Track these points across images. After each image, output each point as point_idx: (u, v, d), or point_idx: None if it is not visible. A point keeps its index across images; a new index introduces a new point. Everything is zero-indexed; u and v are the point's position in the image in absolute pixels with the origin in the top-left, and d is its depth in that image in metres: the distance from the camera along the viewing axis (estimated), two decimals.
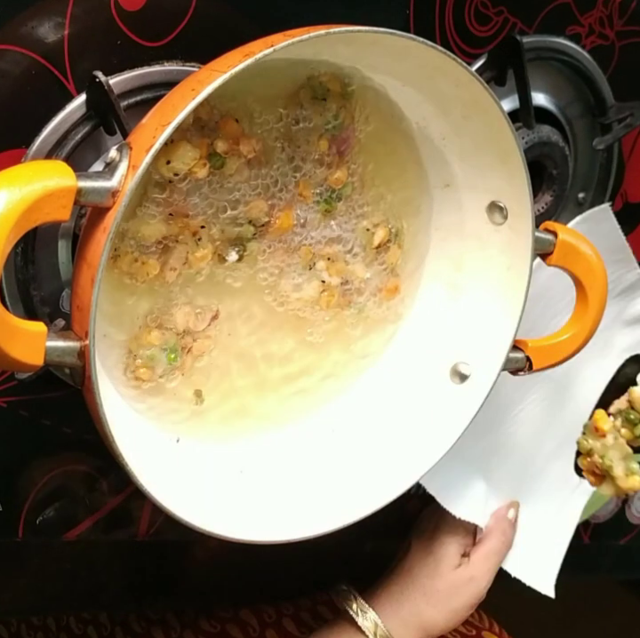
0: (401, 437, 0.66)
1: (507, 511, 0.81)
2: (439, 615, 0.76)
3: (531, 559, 0.83)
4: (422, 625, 0.75)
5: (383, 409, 0.67)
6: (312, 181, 0.59)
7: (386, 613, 0.76)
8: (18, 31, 0.53)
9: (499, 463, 0.82)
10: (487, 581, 0.78)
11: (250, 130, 0.55)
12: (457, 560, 0.77)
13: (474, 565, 0.77)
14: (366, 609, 0.76)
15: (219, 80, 0.46)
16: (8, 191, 0.44)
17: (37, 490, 0.65)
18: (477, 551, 0.78)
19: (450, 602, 0.76)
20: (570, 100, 0.78)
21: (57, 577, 0.71)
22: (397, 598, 0.76)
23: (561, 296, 0.74)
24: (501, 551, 0.79)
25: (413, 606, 0.76)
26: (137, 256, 0.54)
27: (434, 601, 0.76)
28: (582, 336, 0.65)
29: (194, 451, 0.60)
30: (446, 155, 0.62)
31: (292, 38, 0.48)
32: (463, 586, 0.76)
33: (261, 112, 0.56)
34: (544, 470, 0.85)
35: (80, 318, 0.48)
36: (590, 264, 0.64)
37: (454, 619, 0.77)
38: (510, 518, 0.81)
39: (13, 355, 0.45)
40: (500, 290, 0.64)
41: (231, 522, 0.57)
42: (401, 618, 0.75)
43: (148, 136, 0.47)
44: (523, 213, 0.60)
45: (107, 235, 0.46)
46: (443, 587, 0.76)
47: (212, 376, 0.60)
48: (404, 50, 0.53)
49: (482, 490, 0.80)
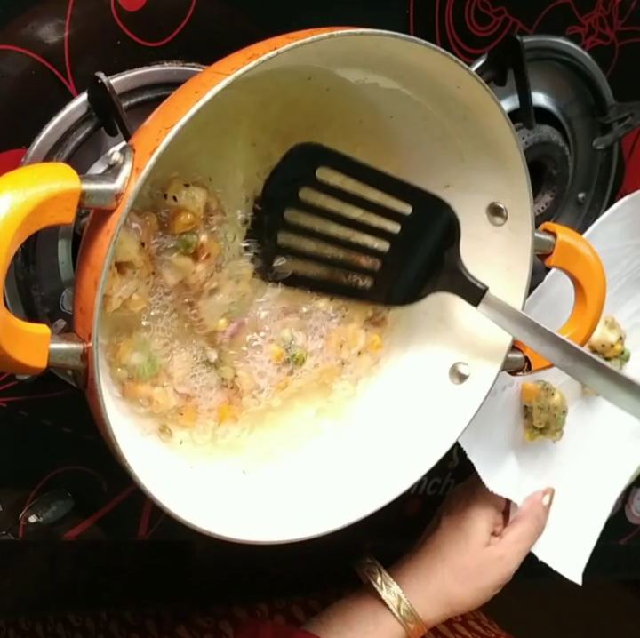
0: (401, 437, 0.66)
1: (542, 496, 0.80)
2: (467, 592, 0.76)
3: (560, 545, 0.83)
4: (449, 601, 0.75)
5: (383, 409, 0.67)
6: None
7: (412, 588, 0.75)
8: (18, 32, 0.53)
9: (534, 445, 0.82)
10: (516, 563, 0.77)
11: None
12: (487, 538, 0.77)
13: (505, 545, 0.77)
14: (390, 582, 0.76)
15: (222, 82, 0.46)
16: (12, 194, 0.44)
17: (37, 490, 0.65)
18: (510, 532, 0.78)
19: (478, 579, 0.76)
20: (570, 100, 0.78)
21: (57, 577, 0.71)
22: (425, 574, 0.76)
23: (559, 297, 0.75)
24: (533, 536, 0.79)
25: (441, 582, 0.75)
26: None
27: (462, 578, 0.75)
28: (581, 336, 0.65)
29: (195, 452, 0.60)
30: (446, 155, 0.62)
31: (296, 41, 0.48)
32: (492, 564, 0.76)
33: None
34: (578, 454, 0.85)
35: (83, 321, 0.48)
36: (589, 265, 0.64)
37: (480, 598, 0.76)
38: (545, 504, 0.80)
39: (17, 358, 0.45)
40: (499, 290, 0.63)
41: (231, 523, 0.57)
42: (427, 594, 0.75)
43: (151, 138, 0.47)
44: (523, 214, 0.60)
45: (110, 237, 0.46)
46: (472, 565, 0.76)
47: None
48: (406, 52, 0.53)
49: (517, 469, 0.79)
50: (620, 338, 0.84)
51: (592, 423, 0.85)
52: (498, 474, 0.77)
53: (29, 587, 0.71)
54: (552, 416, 0.79)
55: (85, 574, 0.73)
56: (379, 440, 0.66)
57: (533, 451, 0.82)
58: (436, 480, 0.85)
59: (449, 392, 0.66)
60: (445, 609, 0.76)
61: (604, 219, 0.76)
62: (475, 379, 0.65)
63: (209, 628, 0.85)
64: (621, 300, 0.85)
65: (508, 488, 0.77)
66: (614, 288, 0.82)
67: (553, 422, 0.79)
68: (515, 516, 0.79)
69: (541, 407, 0.78)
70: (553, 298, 0.75)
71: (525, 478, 0.81)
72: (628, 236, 0.78)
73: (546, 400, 0.78)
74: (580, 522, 0.86)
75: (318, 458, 0.64)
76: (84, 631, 0.88)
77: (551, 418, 0.79)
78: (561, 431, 0.81)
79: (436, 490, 0.86)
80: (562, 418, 0.80)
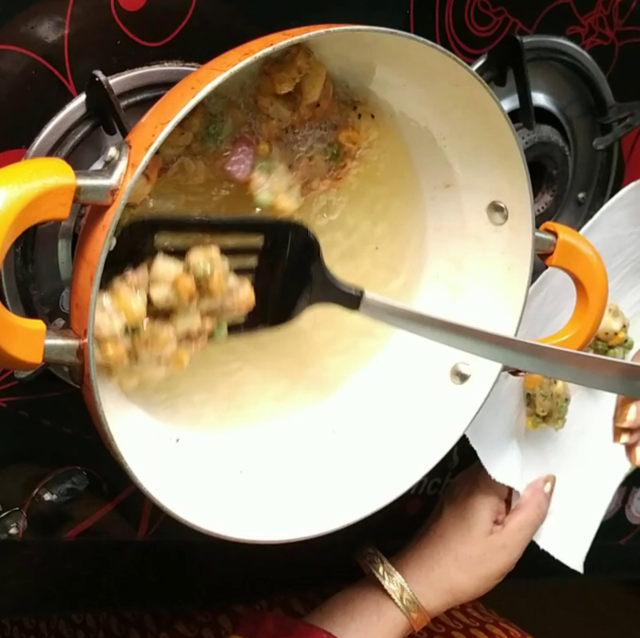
0: (401, 437, 0.66)
1: (543, 484, 0.80)
2: (470, 580, 0.75)
3: (562, 533, 0.83)
4: (452, 590, 0.75)
5: (383, 409, 0.67)
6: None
7: (414, 577, 0.75)
8: (18, 31, 0.53)
9: (536, 433, 0.81)
10: (519, 551, 0.77)
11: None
12: (489, 526, 0.77)
13: (507, 534, 0.77)
14: (393, 572, 0.75)
15: (218, 79, 0.47)
16: (7, 189, 0.44)
17: (38, 490, 0.65)
18: (512, 520, 0.77)
19: (481, 567, 0.76)
20: (570, 100, 0.78)
21: (57, 577, 0.71)
22: (427, 563, 0.76)
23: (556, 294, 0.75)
24: (535, 523, 0.79)
25: (444, 571, 0.75)
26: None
27: (465, 566, 0.75)
28: (583, 336, 0.65)
29: (193, 451, 0.60)
30: (446, 155, 0.62)
31: (292, 37, 0.48)
32: (495, 552, 0.76)
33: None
34: (580, 443, 0.85)
35: (79, 316, 0.48)
36: (591, 264, 0.64)
37: (484, 586, 0.76)
38: (546, 492, 0.80)
39: (12, 353, 0.45)
40: (500, 290, 0.64)
41: (231, 522, 0.57)
42: (430, 583, 0.75)
43: (147, 134, 0.47)
44: (523, 213, 0.60)
45: (106, 233, 0.46)
46: (475, 553, 0.76)
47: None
48: (404, 50, 0.53)
49: (519, 457, 0.79)
50: (624, 326, 0.83)
51: (594, 411, 0.85)
52: (500, 462, 0.77)
53: (29, 588, 0.71)
54: (555, 404, 0.78)
55: (85, 574, 0.73)
56: (379, 440, 0.66)
57: (536, 439, 0.81)
58: (436, 480, 0.85)
59: (450, 392, 0.66)
60: (448, 597, 0.75)
61: (608, 206, 0.76)
62: (476, 379, 0.65)
63: (207, 623, 0.85)
64: (625, 288, 0.84)
65: (510, 476, 0.77)
66: (618, 276, 0.82)
67: (556, 410, 0.79)
68: (516, 504, 0.79)
69: (544, 394, 0.78)
70: (556, 286, 0.74)
71: (527, 466, 0.80)
72: (632, 224, 0.78)
73: (549, 387, 0.78)
74: (582, 510, 0.85)
75: (318, 458, 0.64)
76: (85, 628, 0.88)
77: (554, 406, 0.78)
78: (563, 419, 0.80)
79: (436, 490, 0.86)
80: (564, 407, 0.79)
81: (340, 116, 0.58)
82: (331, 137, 0.58)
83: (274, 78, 0.54)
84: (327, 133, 0.58)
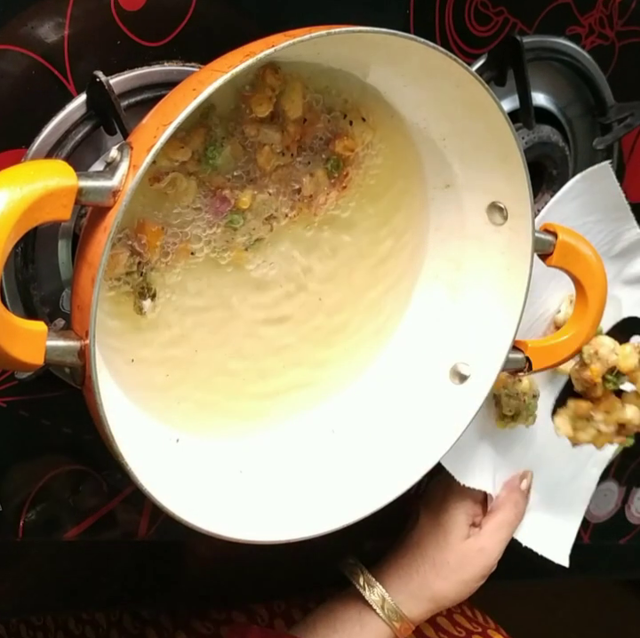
0: (401, 437, 0.66)
1: (519, 481, 0.80)
2: (450, 586, 0.75)
3: (544, 528, 0.82)
4: (433, 597, 0.75)
5: (383, 409, 0.67)
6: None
7: (395, 587, 0.75)
8: (18, 31, 0.53)
9: (507, 431, 0.81)
10: (498, 552, 0.77)
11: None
12: (466, 530, 0.77)
13: (484, 536, 0.76)
14: (373, 583, 0.75)
15: (219, 80, 0.47)
16: (9, 190, 0.44)
17: (38, 489, 0.65)
18: (488, 522, 0.77)
19: (460, 573, 0.75)
20: (570, 100, 0.78)
21: (57, 577, 0.71)
22: (407, 571, 0.76)
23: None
24: (513, 522, 0.78)
25: (423, 578, 0.75)
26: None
27: (444, 572, 0.75)
28: (582, 336, 0.65)
29: (193, 451, 0.60)
30: (446, 155, 0.62)
31: (293, 38, 0.48)
32: (473, 557, 0.76)
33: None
34: (555, 436, 0.84)
35: (80, 318, 0.48)
36: (590, 265, 0.64)
37: (464, 591, 0.76)
38: (523, 489, 0.80)
39: (14, 355, 0.45)
40: (499, 290, 0.64)
41: (231, 522, 0.57)
42: (410, 591, 0.75)
43: (149, 136, 0.47)
44: (523, 214, 0.60)
45: (107, 234, 0.46)
46: (453, 559, 0.75)
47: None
48: (405, 50, 0.53)
49: (490, 458, 0.79)
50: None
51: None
52: (468, 467, 0.76)
53: (29, 588, 0.71)
54: (522, 402, 0.77)
55: (85, 574, 0.73)
56: (379, 440, 0.66)
57: (508, 438, 0.80)
58: (436, 480, 0.85)
59: (449, 392, 0.66)
60: (430, 604, 0.75)
61: (556, 199, 0.74)
62: (475, 380, 0.65)
63: (209, 635, 0.85)
64: None
65: (481, 480, 0.77)
66: None
67: (524, 408, 0.77)
68: (493, 505, 0.78)
69: (509, 394, 0.77)
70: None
71: (502, 466, 0.79)
72: (585, 214, 0.77)
73: (513, 386, 0.77)
74: (563, 503, 0.85)
75: (318, 458, 0.64)
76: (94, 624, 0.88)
77: (521, 405, 0.77)
78: (534, 416, 0.78)
79: None
80: (533, 403, 0.78)
81: (331, 127, 0.58)
82: (327, 150, 0.58)
83: (251, 103, 0.54)
84: (323, 147, 0.58)
